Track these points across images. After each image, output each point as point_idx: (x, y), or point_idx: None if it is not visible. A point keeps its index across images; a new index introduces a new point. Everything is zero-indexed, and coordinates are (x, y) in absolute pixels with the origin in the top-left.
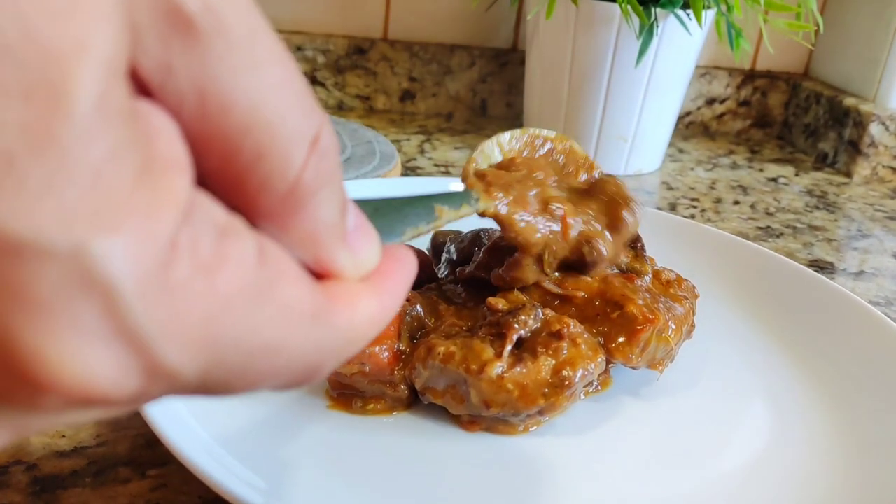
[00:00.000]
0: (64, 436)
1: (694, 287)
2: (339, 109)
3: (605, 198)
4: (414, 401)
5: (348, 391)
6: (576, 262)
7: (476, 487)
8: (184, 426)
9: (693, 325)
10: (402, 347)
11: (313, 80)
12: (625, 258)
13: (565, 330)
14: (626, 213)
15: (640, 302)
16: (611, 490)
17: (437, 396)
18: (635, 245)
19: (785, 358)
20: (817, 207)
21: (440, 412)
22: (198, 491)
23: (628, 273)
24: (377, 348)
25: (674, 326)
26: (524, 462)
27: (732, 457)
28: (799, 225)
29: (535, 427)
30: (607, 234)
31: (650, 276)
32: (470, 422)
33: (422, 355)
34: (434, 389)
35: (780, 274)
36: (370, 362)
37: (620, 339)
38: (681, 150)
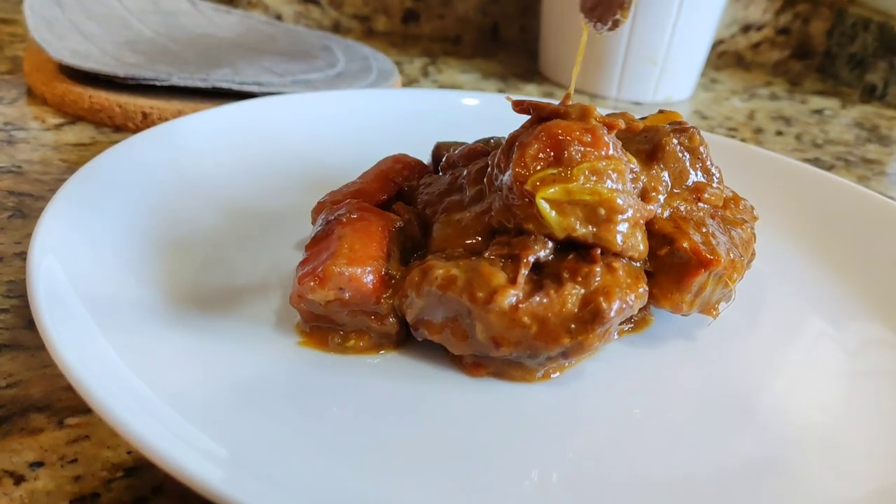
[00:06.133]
0: None
1: (752, 208)
2: (334, 31)
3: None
4: (405, 337)
5: (324, 324)
6: None
7: (481, 446)
8: (108, 369)
9: (754, 254)
10: (392, 271)
11: None
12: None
13: (598, 251)
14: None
15: (698, 237)
16: (650, 452)
17: (434, 332)
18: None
19: (855, 294)
20: (869, 140)
21: (437, 352)
22: (128, 445)
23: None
24: (359, 270)
25: (736, 262)
26: (542, 416)
27: (801, 413)
28: (851, 158)
29: (556, 373)
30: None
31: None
32: (475, 364)
33: (415, 280)
34: (430, 323)
35: (843, 199)
36: (350, 287)
37: (668, 283)
38: (713, 80)
